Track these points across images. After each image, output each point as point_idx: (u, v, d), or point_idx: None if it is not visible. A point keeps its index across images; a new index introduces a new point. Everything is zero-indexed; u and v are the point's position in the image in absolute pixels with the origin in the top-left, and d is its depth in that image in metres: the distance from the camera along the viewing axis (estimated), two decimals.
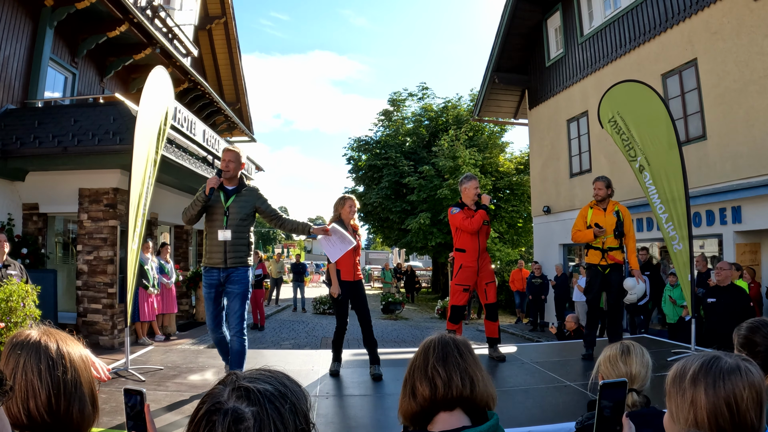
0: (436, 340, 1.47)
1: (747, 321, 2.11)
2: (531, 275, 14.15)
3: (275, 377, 0.97)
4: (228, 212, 4.50)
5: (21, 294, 5.04)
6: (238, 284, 4.52)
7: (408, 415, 1.44)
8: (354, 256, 5.20)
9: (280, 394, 0.93)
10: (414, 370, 1.44)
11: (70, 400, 1.22)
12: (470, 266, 5.61)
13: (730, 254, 8.82)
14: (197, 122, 10.55)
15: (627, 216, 5.78)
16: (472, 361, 1.42)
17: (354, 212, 5.35)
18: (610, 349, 2.17)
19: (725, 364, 1.29)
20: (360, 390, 4.77)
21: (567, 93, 13.67)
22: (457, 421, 1.37)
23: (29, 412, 1.19)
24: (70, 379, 1.23)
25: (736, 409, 1.23)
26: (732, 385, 1.24)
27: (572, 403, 4.19)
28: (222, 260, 4.50)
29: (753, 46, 8.38)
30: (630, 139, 6.21)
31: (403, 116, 25.41)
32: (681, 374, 1.33)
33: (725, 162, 8.93)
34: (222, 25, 17.08)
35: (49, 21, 9.21)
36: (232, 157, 4.55)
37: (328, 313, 16.85)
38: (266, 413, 0.89)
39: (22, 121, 8.53)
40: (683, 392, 1.29)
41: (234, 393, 0.91)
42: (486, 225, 5.68)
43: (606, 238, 5.74)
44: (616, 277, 5.74)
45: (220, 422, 0.87)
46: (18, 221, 8.80)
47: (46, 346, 1.25)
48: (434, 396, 1.37)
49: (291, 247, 57.53)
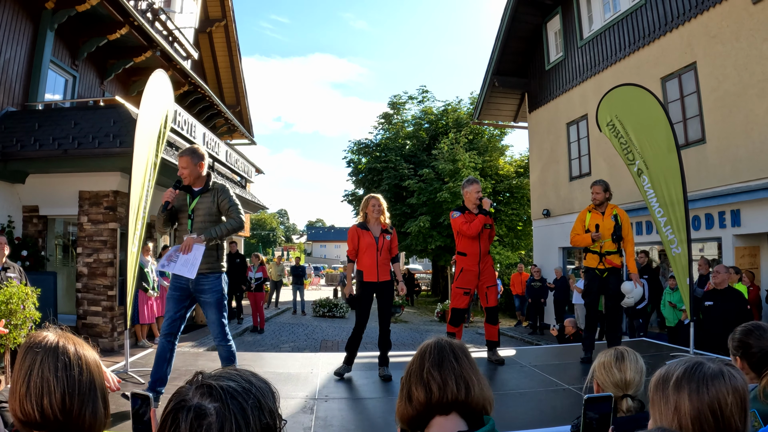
0: (432, 345, 1.48)
1: (741, 325, 2.12)
2: (530, 278, 14.16)
3: (240, 375, 1.00)
4: (192, 215, 4.21)
5: (21, 296, 5.04)
6: (210, 293, 4.18)
7: (404, 419, 1.45)
8: (377, 255, 5.14)
9: (243, 390, 0.95)
10: (410, 374, 1.45)
11: (84, 400, 1.25)
12: (471, 270, 5.61)
13: (729, 257, 8.82)
14: (197, 125, 10.57)
15: (625, 220, 5.77)
16: (468, 365, 1.43)
17: (380, 211, 5.26)
18: (604, 356, 2.18)
19: (708, 369, 1.28)
20: (359, 393, 4.77)
21: (567, 96, 13.69)
22: (453, 425, 1.38)
23: (43, 410, 1.21)
24: (85, 380, 1.26)
25: (721, 414, 1.22)
26: (716, 391, 1.24)
27: (570, 406, 4.19)
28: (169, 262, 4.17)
29: (752, 50, 8.40)
30: (628, 143, 6.22)
31: (403, 119, 25.42)
32: (664, 380, 1.32)
33: (724, 165, 8.94)
34: (222, 28, 17.12)
35: (50, 23, 9.24)
36: (183, 163, 4.18)
37: (327, 316, 16.85)
38: (228, 409, 0.91)
39: (22, 124, 8.55)
40: (666, 398, 1.29)
41: (198, 390, 0.94)
42: (488, 229, 5.67)
43: (604, 242, 5.73)
44: (614, 280, 5.74)
45: (183, 419, 0.90)
46: (18, 223, 8.81)
47: (64, 347, 1.28)
48: (429, 400, 1.38)
49: (291, 249, 57.54)
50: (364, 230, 5.20)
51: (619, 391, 2.06)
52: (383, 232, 5.22)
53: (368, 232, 5.19)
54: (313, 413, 4.04)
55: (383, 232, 5.22)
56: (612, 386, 2.08)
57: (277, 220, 75.63)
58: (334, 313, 16.98)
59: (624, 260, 5.82)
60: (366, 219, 5.26)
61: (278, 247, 64.58)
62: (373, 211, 5.23)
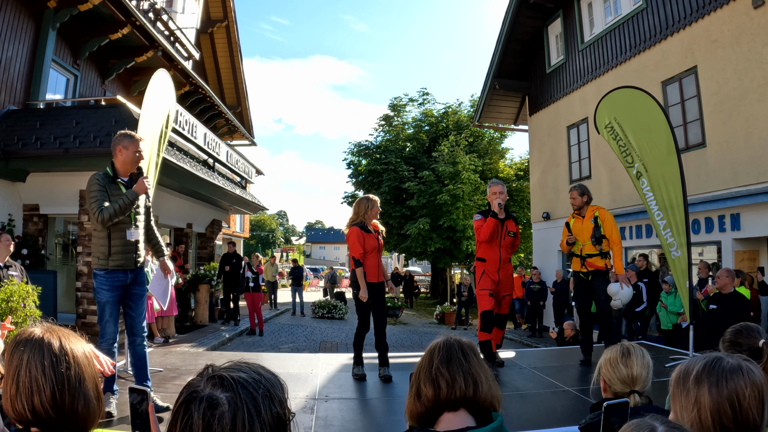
0: (441, 343, 1.50)
1: (731, 327, 2.15)
2: (529, 281, 14.15)
3: (250, 367, 1.01)
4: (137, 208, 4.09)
5: (22, 294, 5.04)
6: (142, 285, 4.19)
7: (414, 416, 1.48)
8: (378, 256, 5.16)
9: (254, 380, 0.97)
10: (419, 371, 1.48)
11: (75, 395, 1.24)
12: (492, 273, 5.52)
13: (729, 261, 8.84)
14: (198, 125, 10.57)
15: (607, 221, 5.67)
16: (476, 362, 1.45)
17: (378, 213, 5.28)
18: (610, 352, 2.17)
19: (728, 364, 1.32)
20: (359, 393, 4.77)
21: (567, 99, 13.71)
22: (461, 421, 1.40)
23: (34, 408, 1.20)
24: (73, 374, 1.25)
25: (739, 407, 1.26)
26: (734, 384, 1.28)
27: (570, 408, 4.20)
28: (133, 261, 4.05)
29: (753, 54, 8.43)
30: (627, 146, 6.23)
31: (403, 121, 25.46)
32: (684, 375, 1.36)
33: (724, 169, 8.96)
34: (224, 29, 17.13)
35: (52, 23, 9.25)
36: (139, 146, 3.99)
37: (326, 317, 16.84)
38: (240, 398, 0.93)
39: (23, 123, 8.55)
40: (687, 392, 1.33)
41: (209, 381, 0.96)
42: (510, 237, 5.54)
43: (583, 245, 5.71)
44: (599, 283, 5.68)
45: (196, 409, 0.91)
46: (18, 222, 8.81)
47: (49, 342, 1.26)
48: (438, 397, 1.41)
49: (290, 251, 57.49)
50: (367, 232, 5.10)
51: (626, 387, 2.06)
52: (375, 232, 5.21)
53: (371, 234, 5.12)
54: (313, 413, 4.04)
55: (375, 232, 5.21)
56: (619, 382, 2.07)
57: (276, 221, 75.57)
58: (333, 315, 16.98)
59: (606, 262, 5.71)
60: (365, 220, 5.15)
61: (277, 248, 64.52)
62: (376, 214, 5.19)
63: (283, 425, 0.98)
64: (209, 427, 0.90)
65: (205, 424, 0.90)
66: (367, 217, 5.15)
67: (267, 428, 0.94)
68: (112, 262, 3.96)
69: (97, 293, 3.97)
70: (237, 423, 0.90)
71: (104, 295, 3.94)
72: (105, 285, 3.94)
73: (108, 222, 3.84)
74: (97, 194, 3.82)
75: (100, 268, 3.98)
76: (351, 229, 5.12)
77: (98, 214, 3.79)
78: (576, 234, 5.79)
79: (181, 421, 0.92)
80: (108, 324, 3.94)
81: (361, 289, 4.97)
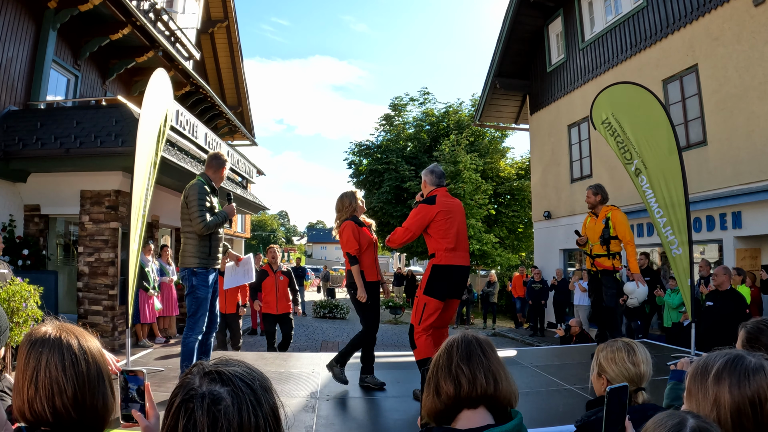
0: (459, 339, 1.48)
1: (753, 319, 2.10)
2: (531, 280, 14.14)
3: (237, 362, 1.01)
4: None
5: (23, 295, 5.04)
6: (216, 283, 4.73)
7: (432, 414, 1.45)
8: (375, 252, 4.87)
9: (247, 373, 0.97)
10: (438, 369, 1.45)
11: (95, 393, 1.24)
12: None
13: (730, 259, 8.82)
14: (199, 125, 10.57)
15: (619, 222, 5.74)
16: (495, 359, 1.44)
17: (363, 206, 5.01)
18: (609, 351, 2.10)
19: (750, 363, 1.27)
20: (360, 392, 4.76)
21: (568, 98, 13.70)
22: (480, 419, 1.39)
23: (55, 409, 1.19)
24: (93, 372, 1.25)
25: (760, 408, 1.22)
26: (757, 385, 1.23)
27: (572, 406, 4.19)
28: (219, 261, 4.71)
29: (753, 52, 8.41)
30: (625, 142, 6.20)
31: (404, 121, 25.43)
32: (703, 371, 1.31)
33: (725, 167, 8.94)
34: (224, 29, 17.13)
35: (52, 23, 9.25)
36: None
37: (328, 317, 16.84)
38: (241, 391, 0.93)
39: (24, 123, 8.55)
40: (706, 390, 1.28)
41: (206, 378, 0.95)
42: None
43: (593, 245, 5.85)
44: (606, 281, 5.81)
45: (198, 406, 0.90)
46: (19, 222, 8.82)
47: (67, 342, 1.26)
48: (459, 394, 1.39)
49: (291, 251, 57.47)
50: (361, 226, 4.77)
51: (633, 385, 2.01)
52: (369, 228, 4.92)
53: (365, 228, 4.79)
54: (315, 412, 4.04)
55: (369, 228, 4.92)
56: (626, 380, 2.04)
57: (277, 221, 75.58)
58: (335, 314, 16.98)
59: (614, 263, 5.81)
60: (355, 213, 4.84)
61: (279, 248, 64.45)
62: (362, 206, 4.92)
63: (278, 416, 0.98)
64: (215, 422, 0.88)
65: (210, 421, 0.89)
66: (357, 210, 4.86)
67: (269, 419, 0.94)
68: (212, 261, 4.53)
69: (197, 290, 4.46)
70: (243, 416, 0.90)
71: (204, 291, 4.47)
72: (205, 282, 4.47)
73: (206, 231, 4.44)
74: (203, 203, 4.43)
75: (201, 267, 4.48)
76: (345, 223, 4.75)
77: (202, 223, 4.39)
78: (588, 233, 5.96)
79: (182, 421, 0.90)
80: (201, 318, 4.49)
81: (359, 289, 4.58)
